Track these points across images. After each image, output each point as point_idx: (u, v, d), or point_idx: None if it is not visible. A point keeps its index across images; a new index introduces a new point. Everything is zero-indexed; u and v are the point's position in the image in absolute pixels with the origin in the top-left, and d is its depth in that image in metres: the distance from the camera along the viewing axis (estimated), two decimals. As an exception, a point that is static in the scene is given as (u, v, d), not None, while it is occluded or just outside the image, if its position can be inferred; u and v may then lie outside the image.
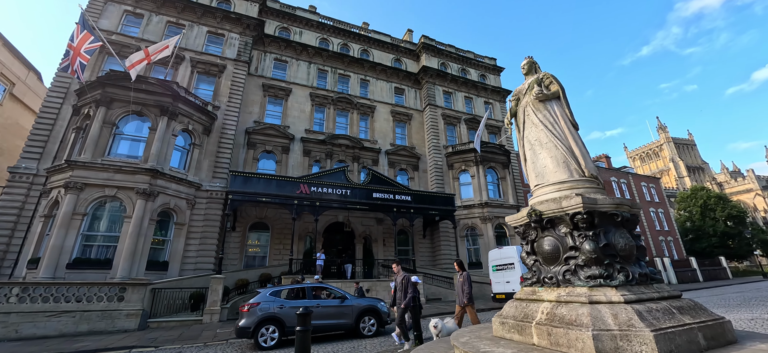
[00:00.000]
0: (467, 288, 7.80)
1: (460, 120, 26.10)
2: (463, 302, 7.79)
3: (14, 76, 21.81)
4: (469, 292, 7.78)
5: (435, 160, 23.52)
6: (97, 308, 12.34)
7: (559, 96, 4.91)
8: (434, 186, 22.86)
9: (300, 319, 4.40)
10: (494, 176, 23.76)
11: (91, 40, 13.80)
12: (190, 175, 17.00)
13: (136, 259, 14.33)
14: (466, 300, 7.74)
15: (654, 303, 3.53)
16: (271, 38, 22.13)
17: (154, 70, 17.81)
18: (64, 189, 13.94)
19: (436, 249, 22.24)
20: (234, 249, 18.41)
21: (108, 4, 17.95)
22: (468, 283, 7.86)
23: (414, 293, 7.19)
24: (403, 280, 7.37)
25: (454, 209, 20.20)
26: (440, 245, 21.81)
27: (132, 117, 15.79)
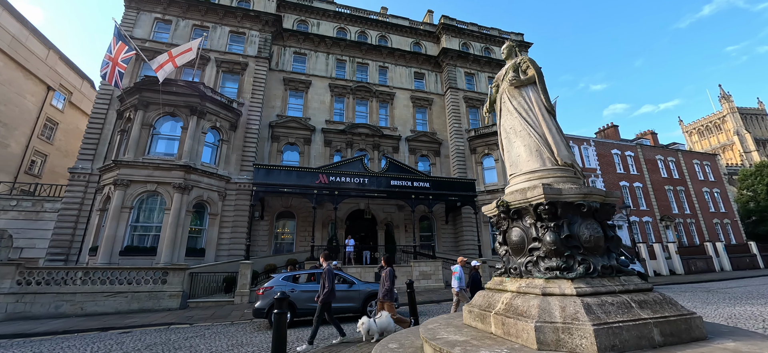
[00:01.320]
0: (387, 284, 7.28)
1: (483, 101, 25.15)
2: (380, 298, 7.43)
3: (71, 86, 24.64)
4: (387, 289, 7.27)
5: (457, 145, 23.06)
6: (145, 289, 13.89)
7: (535, 81, 4.72)
8: (456, 172, 22.51)
9: (277, 303, 4.75)
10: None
11: (126, 50, 15.17)
12: (220, 169, 18.28)
13: (176, 246, 15.85)
14: (380, 296, 7.35)
15: (612, 297, 3.42)
16: (289, 32, 22.73)
17: (183, 73, 19.16)
18: (114, 185, 15.68)
19: (458, 235, 22.06)
20: (263, 236, 19.62)
21: (140, 13, 19.54)
22: (390, 279, 7.33)
23: (331, 286, 6.90)
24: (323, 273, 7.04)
25: (476, 194, 19.82)
26: (463, 231, 21.59)
27: (166, 118, 17.21)
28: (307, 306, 9.73)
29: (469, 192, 19.64)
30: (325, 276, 6.91)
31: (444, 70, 25.31)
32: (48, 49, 23.27)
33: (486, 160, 22.89)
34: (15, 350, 7.88)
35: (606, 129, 34.04)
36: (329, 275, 6.92)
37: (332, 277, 7.00)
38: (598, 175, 27.59)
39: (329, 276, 6.90)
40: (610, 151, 29.18)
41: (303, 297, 9.77)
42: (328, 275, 6.90)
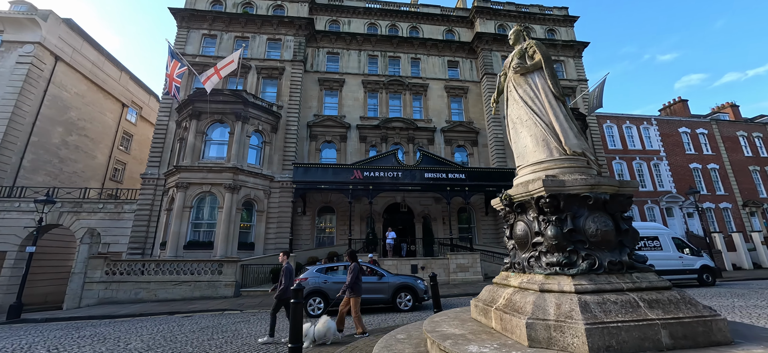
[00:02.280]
0: (349, 279, 6.93)
1: (523, 85, 23.76)
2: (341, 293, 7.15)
3: (141, 102, 28.10)
4: (348, 284, 6.90)
5: (495, 133, 22.14)
6: (205, 279, 15.55)
7: (541, 66, 4.47)
8: (496, 161, 21.66)
9: (293, 294, 5.12)
10: (566, 144, 21.18)
11: (179, 66, 16.93)
12: (264, 169, 19.65)
13: (230, 241, 17.45)
14: (341, 291, 7.09)
15: (616, 295, 3.21)
16: (322, 33, 23.48)
17: (229, 82, 20.81)
18: (176, 188, 17.66)
19: (499, 227, 21.28)
20: (306, 230, 20.75)
21: (190, 31, 21.59)
22: (352, 275, 6.96)
23: (288, 283, 6.89)
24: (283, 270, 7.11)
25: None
26: (503, 222, 20.76)
27: (216, 124, 18.90)
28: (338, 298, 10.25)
29: (508, 181, 18.68)
30: (283, 273, 7.03)
31: (479, 56, 24.31)
32: (120, 71, 26.82)
33: (527, 147, 21.65)
34: (103, 328, 9.41)
35: (672, 105, 30.01)
36: (286, 273, 7.03)
37: (290, 275, 7.07)
38: (662, 157, 24.58)
39: (286, 274, 7.01)
40: (678, 129, 25.75)
41: (335, 289, 10.26)
42: (285, 273, 7.03)
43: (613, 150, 24.07)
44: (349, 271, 6.95)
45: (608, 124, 24.64)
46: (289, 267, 7.21)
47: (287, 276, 7.01)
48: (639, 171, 24.04)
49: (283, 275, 7.01)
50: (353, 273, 6.86)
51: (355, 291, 6.88)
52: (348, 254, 7.48)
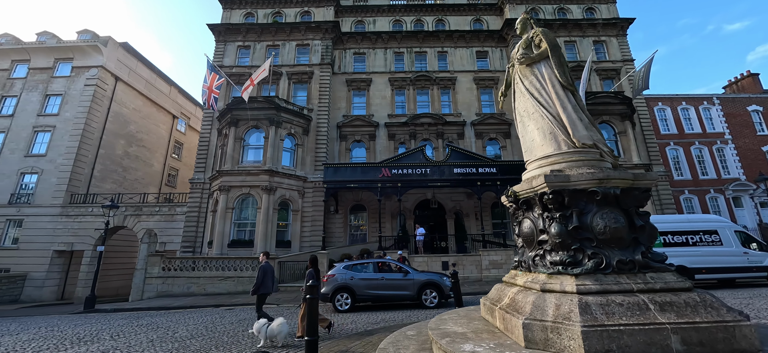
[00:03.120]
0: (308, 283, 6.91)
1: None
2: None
3: (189, 113, 30.64)
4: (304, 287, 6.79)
5: (529, 123, 21.08)
6: (246, 275, 16.64)
7: (547, 55, 4.27)
8: (530, 152, 20.66)
9: (308, 290, 5.38)
10: (610, 131, 19.66)
11: (217, 78, 18.23)
12: (298, 170, 20.53)
13: (268, 239, 18.49)
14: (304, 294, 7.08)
15: (623, 296, 3.03)
16: (347, 35, 23.88)
17: (263, 89, 21.97)
18: (219, 191, 19.06)
19: (536, 221, 20.32)
20: (339, 228, 21.36)
21: (227, 44, 23.10)
22: (309, 278, 6.96)
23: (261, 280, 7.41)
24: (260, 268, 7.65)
25: (551, 176, 17.96)
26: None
27: (252, 130, 20.06)
28: (365, 293, 10.48)
29: (543, 174, 17.88)
30: (260, 271, 7.59)
31: (509, 44, 23.23)
32: (170, 85, 29.46)
33: (565, 136, 20.40)
34: (158, 318, 10.54)
35: (740, 80, 26.29)
36: (261, 271, 7.57)
37: (263, 273, 7.53)
38: (727, 140, 21.75)
39: (260, 272, 7.54)
40: (746, 108, 22.58)
41: (362, 285, 10.52)
42: (260, 271, 7.58)
43: (666, 135, 21.80)
44: (307, 277, 7.00)
45: (660, 106, 22.32)
46: (267, 265, 7.78)
47: (261, 273, 7.57)
48: (699, 157, 21.54)
49: (260, 272, 7.60)
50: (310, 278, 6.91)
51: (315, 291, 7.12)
52: (310, 260, 7.67)
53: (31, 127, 22.41)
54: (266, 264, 7.86)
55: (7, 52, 24.15)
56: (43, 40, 24.88)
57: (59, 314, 13.24)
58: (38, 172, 21.48)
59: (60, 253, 20.43)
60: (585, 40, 23.24)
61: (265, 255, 8.30)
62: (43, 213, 20.62)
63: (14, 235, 20.63)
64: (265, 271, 7.63)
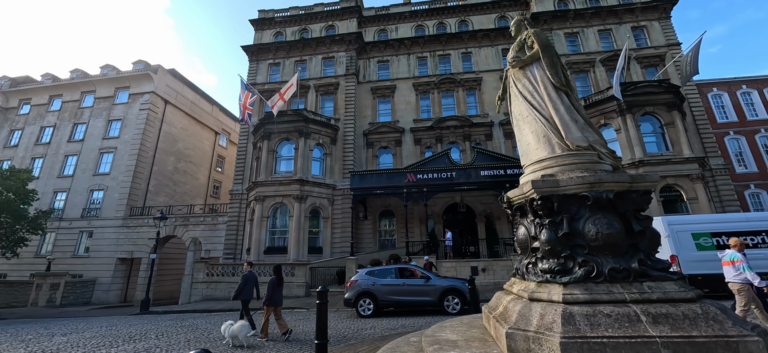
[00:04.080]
0: (269, 292, 7.71)
1: (594, 63, 20.88)
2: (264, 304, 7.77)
3: (229, 128, 32.96)
4: (266, 297, 7.70)
5: (562, 120, 20.00)
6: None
7: (539, 57, 4.17)
8: (565, 150, 19.58)
9: (318, 295, 5.62)
10: (655, 123, 18.05)
11: (251, 96, 19.49)
12: (327, 179, 21.23)
13: (300, 246, 19.28)
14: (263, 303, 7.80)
15: (614, 306, 2.89)
16: (371, 44, 24.35)
17: (293, 103, 23.06)
18: (255, 200, 20.26)
19: (574, 223, 19.16)
20: (368, 234, 21.68)
21: (259, 63, 24.62)
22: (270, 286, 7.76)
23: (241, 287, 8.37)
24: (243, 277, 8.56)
25: (588, 175, 16.89)
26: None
27: (283, 142, 21.12)
28: (387, 299, 10.58)
29: (578, 173, 16.86)
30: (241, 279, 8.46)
31: (537, 38, 22.30)
32: (212, 104, 31.96)
33: (604, 131, 18.98)
34: (199, 320, 11.47)
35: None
36: (243, 279, 8.49)
37: (245, 281, 8.44)
38: (784, 128, 18.94)
39: (242, 280, 8.47)
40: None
41: (383, 290, 10.64)
42: (242, 279, 8.48)
43: (724, 124, 19.46)
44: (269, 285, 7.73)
45: (714, 92, 20.00)
46: (249, 274, 8.64)
47: (243, 281, 8.47)
48: (767, 146, 18.99)
49: (242, 280, 8.48)
50: (271, 287, 7.70)
51: (271, 302, 7.67)
52: (273, 269, 8.32)
53: (97, 150, 25.47)
54: (249, 273, 8.69)
55: (78, 85, 27.78)
56: (105, 73, 28.27)
57: (119, 315, 14.83)
58: (104, 189, 24.32)
59: (122, 260, 22.89)
60: (622, 27, 21.58)
61: (248, 265, 9.15)
62: (108, 224, 23.27)
63: (86, 245, 23.49)
64: (247, 279, 8.54)
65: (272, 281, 7.74)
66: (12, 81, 30.10)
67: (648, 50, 20.72)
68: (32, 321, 13.07)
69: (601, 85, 20.02)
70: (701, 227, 11.00)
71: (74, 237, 23.53)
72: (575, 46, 21.83)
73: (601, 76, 20.55)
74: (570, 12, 21.69)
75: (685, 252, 10.66)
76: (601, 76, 20.52)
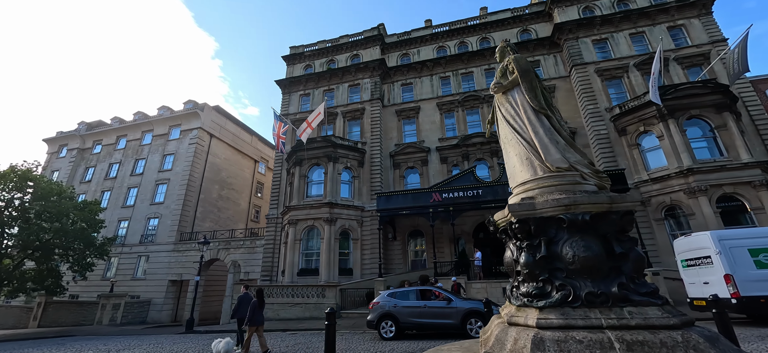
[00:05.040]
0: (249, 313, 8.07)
1: (627, 68, 19.68)
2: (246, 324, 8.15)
3: (267, 156, 35.23)
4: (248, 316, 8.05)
5: (596, 130, 18.97)
6: (312, 302, 18.00)
7: (518, 82, 4.27)
8: (602, 162, 18.43)
9: (327, 317, 5.88)
10: (704, 127, 16.50)
11: (283, 126, 20.91)
12: (355, 201, 21.80)
13: (331, 267, 19.79)
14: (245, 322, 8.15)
15: (587, 332, 2.85)
16: (394, 69, 25.12)
17: (322, 130, 24.27)
18: (288, 224, 21.26)
19: (618, 239, 17.75)
20: (398, 254, 21.71)
21: (291, 94, 26.39)
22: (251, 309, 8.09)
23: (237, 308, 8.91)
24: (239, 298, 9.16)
25: (627, 187, 15.72)
26: None
27: (314, 167, 22.15)
28: (408, 321, 10.53)
29: (616, 185, 15.67)
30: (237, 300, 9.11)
31: (563, 48, 21.54)
32: (251, 135, 34.56)
33: (644, 139, 17.74)
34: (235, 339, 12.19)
35: None
36: (238, 300, 9.14)
37: (239, 302, 9.07)
38: None
39: (238, 301, 9.09)
40: None
41: (405, 312, 10.61)
42: (238, 299, 9.09)
43: (792, 123, 17.21)
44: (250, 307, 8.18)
45: (776, 88, 17.88)
46: (244, 296, 9.24)
47: (238, 302, 9.12)
48: None
49: (237, 301, 9.15)
50: (251, 308, 8.13)
51: (253, 322, 8.08)
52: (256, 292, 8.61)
53: (154, 181, 28.48)
54: (244, 294, 9.27)
55: (139, 125, 31.58)
56: (161, 113, 31.91)
57: (167, 334, 16.12)
58: (159, 216, 26.96)
59: (173, 282, 24.94)
60: (656, 29, 20.21)
61: (244, 288, 9.78)
62: (161, 249, 25.63)
63: (143, 268, 25.98)
64: (241, 301, 9.19)
65: (254, 302, 8.18)
66: (88, 125, 34.96)
67: (689, 50, 19.15)
68: (95, 338, 14.69)
69: (638, 90, 18.77)
70: (761, 241, 9.74)
71: (133, 261, 26.16)
72: (605, 52, 20.79)
73: (636, 81, 19.28)
74: (597, 18, 20.83)
75: (742, 270, 9.46)
76: (637, 81, 19.25)
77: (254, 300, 8.20)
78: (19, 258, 18.94)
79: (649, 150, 17.56)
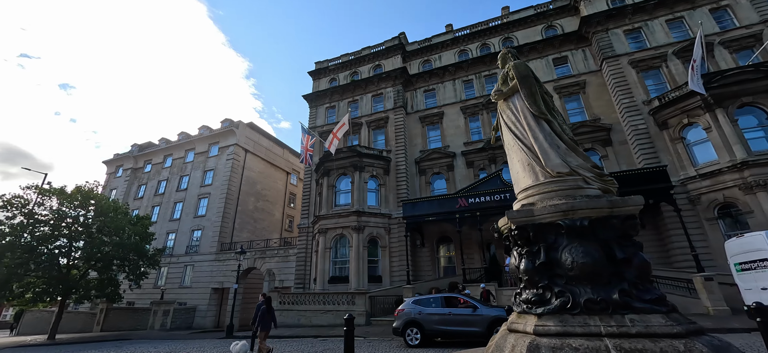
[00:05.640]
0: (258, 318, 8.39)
1: (665, 56, 18.26)
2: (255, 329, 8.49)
3: (298, 168, 36.67)
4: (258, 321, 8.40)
5: (634, 124, 17.78)
6: (342, 308, 18.38)
7: (518, 88, 4.30)
8: (642, 159, 17.25)
9: (346, 323, 6.10)
10: (759, 115, 14.93)
11: (311, 139, 21.78)
12: (382, 209, 22.06)
13: (360, 275, 20.13)
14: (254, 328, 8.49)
15: (584, 340, 2.84)
16: (416, 76, 25.26)
17: (348, 140, 24.91)
18: (318, 233, 21.98)
19: (665, 242, 16.47)
20: (426, 261, 21.59)
21: (318, 108, 27.39)
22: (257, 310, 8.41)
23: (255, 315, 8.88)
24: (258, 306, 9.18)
25: (671, 185, 14.60)
26: (671, 235, 16.01)
27: (341, 177, 22.75)
28: (434, 328, 10.49)
29: (658, 183, 14.66)
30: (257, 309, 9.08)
31: (592, 41, 20.47)
32: (283, 148, 36.20)
33: (689, 132, 16.37)
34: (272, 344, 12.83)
35: None
36: (257, 307, 9.15)
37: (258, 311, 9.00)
38: None
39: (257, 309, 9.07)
40: None
41: (430, 319, 10.59)
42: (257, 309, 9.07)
43: None
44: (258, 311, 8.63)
45: None
46: (260, 304, 9.29)
47: (257, 310, 9.18)
48: None
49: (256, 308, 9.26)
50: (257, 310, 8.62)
51: (262, 327, 8.59)
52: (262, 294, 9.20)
53: (196, 196, 30.68)
54: (260, 302, 9.58)
55: (183, 145, 34.29)
56: (202, 132, 34.43)
57: (210, 339, 17.24)
58: (201, 228, 28.94)
59: (215, 290, 26.57)
60: (696, 12, 18.60)
61: (262, 296, 9.99)
62: (204, 259, 27.45)
63: (189, 276, 27.94)
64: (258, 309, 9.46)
65: (262, 310, 8.77)
66: (139, 147, 38.49)
67: (736, 31, 17.42)
68: (147, 342, 16.07)
69: (679, 80, 17.38)
70: (828, 242, 8.67)
71: (181, 271, 28.23)
72: (639, 42, 19.46)
73: (677, 70, 17.85)
74: (627, 7, 19.58)
75: (808, 274, 8.48)
76: (677, 70, 17.81)
77: (263, 308, 8.82)
78: (84, 269, 21.23)
79: (695, 143, 16.17)
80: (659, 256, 16.51)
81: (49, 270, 19.50)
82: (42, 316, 27.51)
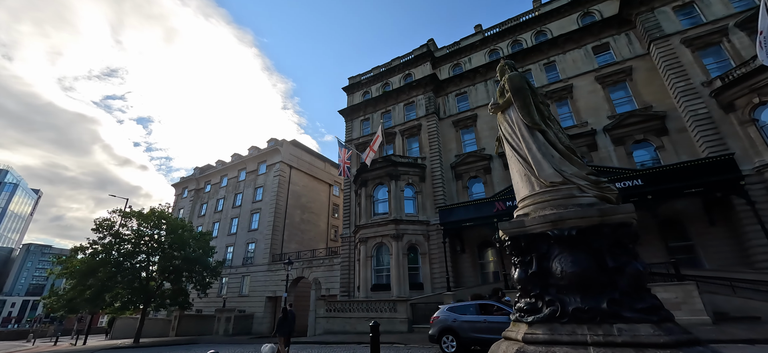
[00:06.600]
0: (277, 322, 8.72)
1: (726, 30, 16.15)
2: None
3: (339, 179, 38.21)
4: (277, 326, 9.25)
5: (692, 110, 16.00)
6: (385, 316, 18.82)
7: (512, 101, 4.44)
8: (706, 147, 15.44)
9: (372, 329, 6.49)
10: None
11: (347, 152, 22.79)
12: (420, 216, 22.23)
13: (401, 282, 20.45)
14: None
15: (571, 348, 2.95)
16: (446, 81, 25.15)
17: (383, 150, 25.54)
18: (359, 242, 22.75)
19: (741, 239, 14.52)
20: (468, 267, 21.27)
21: (353, 122, 28.47)
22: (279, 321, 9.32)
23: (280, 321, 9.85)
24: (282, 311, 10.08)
25: (740, 176, 12.94)
26: (746, 232, 14.10)
27: (378, 186, 23.38)
28: (469, 336, 10.43)
29: (724, 174, 13.08)
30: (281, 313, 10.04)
31: (636, 23, 18.77)
32: (324, 162, 38.04)
33: (762, 112, 14.35)
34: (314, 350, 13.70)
35: None
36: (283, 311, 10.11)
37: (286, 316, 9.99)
38: None
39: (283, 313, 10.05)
40: None
41: (465, 327, 10.56)
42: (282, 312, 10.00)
43: None
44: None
45: None
46: (284, 311, 10.26)
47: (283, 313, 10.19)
48: None
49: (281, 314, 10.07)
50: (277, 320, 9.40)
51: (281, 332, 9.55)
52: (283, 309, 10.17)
53: (249, 211, 33.44)
54: (284, 309, 10.47)
55: (236, 165, 37.68)
56: (252, 153, 37.57)
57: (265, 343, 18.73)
58: (255, 241, 31.44)
59: (269, 298, 28.60)
60: None
61: (289, 305, 11.05)
62: (258, 270, 29.73)
63: (247, 286, 30.42)
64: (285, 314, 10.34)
65: (280, 317, 9.90)
66: (200, 169, 42.98)
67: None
68: (212, 345, 17.91)
69: (746, 55, 15.31)
70: None
71: (239, 281, 30.87)
72: (692, 17, 17.45)
73: (742, 44, 15.71)
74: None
75: None
76: (742, 44, 15.68)
77: (280, 316, 9.95)
78: (160, 280, 24.29)
79: (769, 125, 14.15)
80: (732, 255, 14.61)
81: (132, 282, 22.68)
82: (129, 322, 31.79)
